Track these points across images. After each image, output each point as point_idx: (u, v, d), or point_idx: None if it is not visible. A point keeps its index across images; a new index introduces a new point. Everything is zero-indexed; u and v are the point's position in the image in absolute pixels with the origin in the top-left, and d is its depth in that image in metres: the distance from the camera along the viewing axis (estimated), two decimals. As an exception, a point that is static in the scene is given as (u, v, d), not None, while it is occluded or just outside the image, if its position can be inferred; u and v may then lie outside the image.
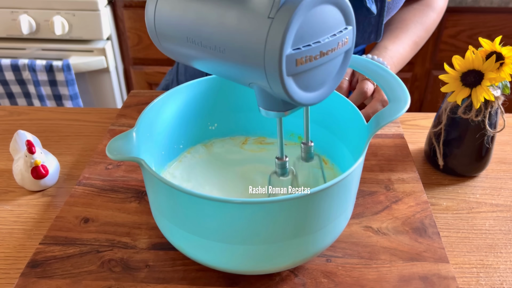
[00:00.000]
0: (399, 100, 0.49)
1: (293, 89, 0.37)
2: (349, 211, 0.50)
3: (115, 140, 0.46)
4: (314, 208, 0.43)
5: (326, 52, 0.37)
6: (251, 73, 0.38)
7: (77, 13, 1.41)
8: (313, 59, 0.36)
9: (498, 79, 0.59)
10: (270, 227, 0.43)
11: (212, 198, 0.41)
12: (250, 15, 0.35)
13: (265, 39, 0.34)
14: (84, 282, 0.51)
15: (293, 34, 0.34)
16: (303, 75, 0.37)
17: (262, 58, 0.35)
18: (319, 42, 0.36)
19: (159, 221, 0.50)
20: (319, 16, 0.36)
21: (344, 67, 0.41)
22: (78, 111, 0.86)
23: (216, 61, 0.40)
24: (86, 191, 0.63)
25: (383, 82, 0.53)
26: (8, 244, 0.58)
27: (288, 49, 0.34)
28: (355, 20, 0.74)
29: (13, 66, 1.41)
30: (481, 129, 0.63)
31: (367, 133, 0.49)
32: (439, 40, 1.49)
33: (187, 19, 0.40)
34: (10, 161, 0.72)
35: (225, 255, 0.46)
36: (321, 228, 0.45)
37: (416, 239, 0.56)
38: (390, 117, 0.48)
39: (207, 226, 0.44)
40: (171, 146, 0.60)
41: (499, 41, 0.60)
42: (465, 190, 0.66)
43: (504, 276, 0.54)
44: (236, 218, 0.42)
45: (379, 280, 0.51)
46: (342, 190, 0.45)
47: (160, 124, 0.56)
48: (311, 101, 0.40)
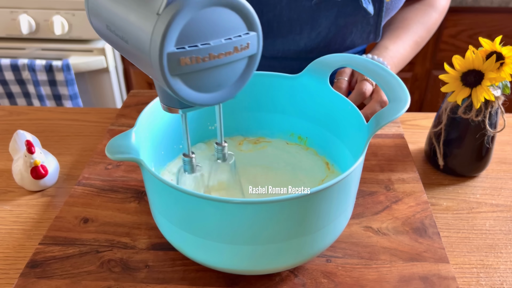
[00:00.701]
0: (399, 100, 0.49)
1: (182, 88, 0.37)
2: (349, 211, 0.50)
3: (114, 140, 0.46)
4: (314, 208, 0.43)
5: (217, 55, 0.37)
6: (146, 68, 0.38)
7: (76, 13, 1.41)
8: (201, 60, 0.36)
9: (498, 79, 0.59)
10: (270, 227, 0.43)
11: (213, 198, 0.40)
12: (144, 11, 0.35)
13: (150, 35, 0.34)
14: (83, 282, 0.51)
15: (177, 32, 0.34)
16: (192, 76, 0.37)
17: (148, 54, 0.35)
18: (209, 44, 0.36)
19: (159, 221, 0.50)
20: (211, 18, 0.35)
21: (249, 72, 0.41)
22: (77, 111, 0.86)
23: (128, 52, 0.40)
24: (85, 191, 0.63)
25: (382, 82, 0.52)
26: (7, 244, 0.58)
27: (170, 47, 0.34)
28: (353, 20, 0.74)
29: (12, 66, 1.41)
30: (481, 129, 0.63)
31: (367, 133, 0.49)
32: (439, 40, 1.49)
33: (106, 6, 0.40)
34: (9, 161, 0.72)
35: (226, 256, 0.46)
36: (321, 228, 0.45)
37: (416, 239, 0.56)
38: (390, 117, 0.48)
39: (207, 227, 0.44)
40: (171, 146, 0.59)
41: (499, 41, 0.60)
42: (465, 190, 0.66)
43: (504, 276, 0.53)
44: (237, 218, 0.42)
45: (379, 280, 0.51)
46: (342, 190, 0.45)
47: (159, 124, 0.56)
48: (205, 102, 0.39)
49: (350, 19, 0.74)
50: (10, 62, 1.41)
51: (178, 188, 0.41)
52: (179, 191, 0.41)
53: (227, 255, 0.46)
